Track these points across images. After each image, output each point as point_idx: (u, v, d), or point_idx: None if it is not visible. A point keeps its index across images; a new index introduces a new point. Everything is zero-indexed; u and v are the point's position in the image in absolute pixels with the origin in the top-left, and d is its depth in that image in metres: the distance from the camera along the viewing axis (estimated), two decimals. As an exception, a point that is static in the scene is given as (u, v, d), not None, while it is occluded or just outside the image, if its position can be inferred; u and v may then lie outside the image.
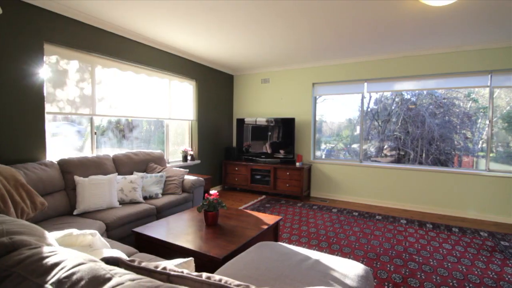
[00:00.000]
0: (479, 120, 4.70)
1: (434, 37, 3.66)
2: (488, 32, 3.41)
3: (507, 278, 2.37)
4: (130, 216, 2.65)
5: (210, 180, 4.24)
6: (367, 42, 3.87)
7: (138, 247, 2.29)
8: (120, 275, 0.68)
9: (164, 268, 0.79)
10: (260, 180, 5.17)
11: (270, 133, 5.28)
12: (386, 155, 5.66)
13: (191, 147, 4.90)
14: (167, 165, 4.26)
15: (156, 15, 3.07)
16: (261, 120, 5.35)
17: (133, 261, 0.83)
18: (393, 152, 5.64)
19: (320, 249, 2.89)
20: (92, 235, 1.30)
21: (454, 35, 3.56)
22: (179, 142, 4.75)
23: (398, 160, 5.29)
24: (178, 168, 3.62)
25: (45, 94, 2.83)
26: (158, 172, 3.48)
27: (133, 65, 3.76)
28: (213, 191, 2.48)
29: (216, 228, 2.38)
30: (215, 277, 0.75)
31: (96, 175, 2.85)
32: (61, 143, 3.20)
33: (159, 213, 2.99)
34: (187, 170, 3.68)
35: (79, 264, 0.70)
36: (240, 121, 5.52)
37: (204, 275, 0.76)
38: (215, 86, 5.39)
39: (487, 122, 4.13)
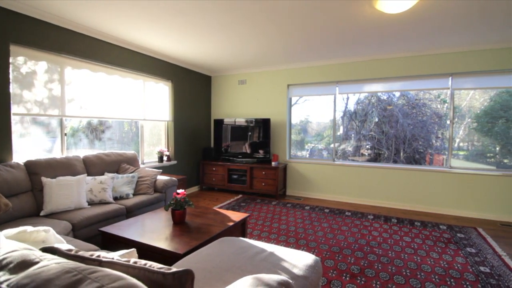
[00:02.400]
0: (448, 120, 4.97)
1: (397, 42, 3.86)
2: (445, 37, 3.64)
3: (456, 267, 2.56)
4: (98, 216, 2.67)
5: (185, 180, 4.29)
6: (336, 45, 4.03)
7: (104, 246, 2.33)
8: (49, 259, 0.74)
9: (98, 256, 0.86)
10: (237, 180, 5.25)
11: (250, 133, 5.37)
12: (363, 154, 5.88)
13: (167, 148, 4.93)
14: (142, 166, 4.27)
15: (126, 17, 3.10)
16: (241, 121, 5.44)
17: (70, 250, 0.90)
18: (370, 151, 5.87)
19: (288, 244, 3.01)
20: (45, 231, 1.35)
21: (415, 40, 3.77)
22: (155, 143, 4.77)
23: (375, 159, 5.50)
24: (151, 169, 3.65)
25: (11, 95, 2.81)
26: (130, 173, 3.50)
27: (105, 66, 3.76)
28: (180, 190, 2.54)
29: (183, 225, 2.45)
30: (141, 261, 0.83)
31: (65, 176, 2.85)
32: (30, 144, 3.17)
33: (130, 213, 3.02)
34: (160, 170, 3.71)
35: (12, 251, 0.77)
36: (218, 122, 5.59)
37: (132, 260, 0.84)
38: (192, 87, 5.44)
39: (448, 122, 4.39)
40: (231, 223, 2.50)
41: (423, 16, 2.97)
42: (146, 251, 2.09)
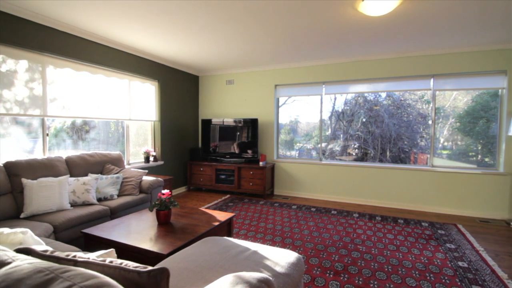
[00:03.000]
0: (429, 121, 5.11)
1: (381, 44, 3.95)
2: (426, 40, 3.74)
3: (436, 262, 2.64)
4: (80, 217, 2.63)
5: (172, 180, 4.26)
6: (322, 46, 4.09)
7: (86, 248, 2.29)
8: (22, 260, 0.74)
9: (74, 256, 0.86)
10: (224, 180, 5.25)
11: (238, 133, 5.38)
12: (350, 154, 5.97)
13: (154, 148, 4.88)
14: (127, 166, 4.22)
15: (110, 16, 3.06)
16: (229, 121, 5.44)
17: (46, 251, 0.89)
18: (357, 151, 5.97)
19: (274, 243, 3.04)
20: (23, 233, 1.32)
21: (398, 42, 3.87)
22: (141, 143, 4.72)
23: (362, 158, 5.59)
24: (136, 169, 3.61)
25: (-11, 95, 2.73)
26: (115, 174, 3.45)
27: (89, 65, 3.70)
28: (165, 191, 2.53)
29: (168, 226, 2.44)
30: (118, 261, 0.84)
31: (46, 177, 2.79)
32: (10, 145, 3.09)
33: (114, 214, 2.98)
34: (146, 171, 3.68)
35: (-17, 253, 0.76)
36: (206, 122, 5.57)
37: (108, 260, 0.84)
38: (179, 86, 5.40)
39: (430, 122, 4.51)
40: (216, 223, 2.50)
41: (404, 19, 3.05)
42: (130, 252, 2.08)
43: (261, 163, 5.06)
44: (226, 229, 2.74)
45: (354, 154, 5.95)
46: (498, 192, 4.03)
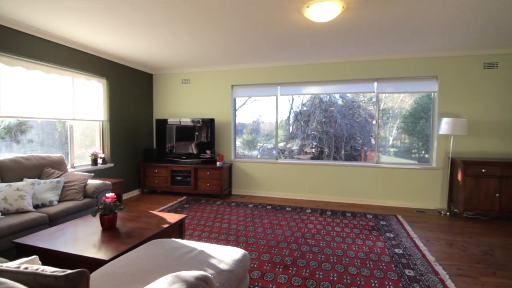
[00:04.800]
0: (380, 121, 5.52)
1: (330, 48, 4.17)
2: (369, 46, 4.04)
3: (376, 251, 2.87)
4: (12, 227, 2.39)
5: (122, 183, 4.06)
6: (275, 49, 4.20)
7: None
8: None
9: (-18, 266, 0.79)
10: (181, 181, 5.14)
11: (197, 133, 5.29)
12: (307, 153, 6.21)
13: (103, 150, 4.60)
14: (71, 170, 3.93)
15: (50, 9, 2.82)
16: (186, 121, 5.32)
17: None
18: (313, 150, 6.23)
19: (227, 242, 3.05)
20: None
21: (344, 48, 4.12)
22: (87, 145, 4.42)
23: (318, 156, 5.84)
24: (80, 173, 3.38)
25: None
26: (56, 178, 3.19)
27: (24, 60, 3.37)
28: (110, 194, 2.41)
29: (113, 231, 2.33)
30: (34, 267, 0.79)
31: (-31, 184, 2.49)
32: None
33: (53, 221, 2.76)
34: (92, 174, 3.46)
35: None
36: (161, 122, 5.40)
37: (23, 266, 0.79)
38: (131, 85, 5.16)
39: (374, 122, 4.89)
40: (166, 225, 2.45)
41: (347, 27, 3.26)
42: (70, 261, 1.95)
43: (218, 163, 5.05)
44: (177, 231, 2.70)
45: (311, 152, 6.21)
46: (432, 185, 4.50)
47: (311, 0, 2.58)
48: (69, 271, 0.78)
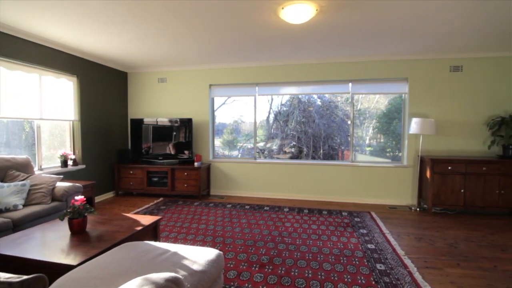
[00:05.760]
0: (357, 121, 5.69)
1: (306, 50, 4.25)
2: (343, 48, 4.15)
3: (349, 247, 2.96)
4: (-30, 234, 2.24)
5: (94, 185, 3.91)
6: (253, 49, 4.20)
7: (-24, 268, 1.96)
8: None
9: None
10: (157, 183, 5.03)
11: (175, 134, 5.19)
12: (286, 152, 6.27)
13: (73, 151, 4.41)
14: (39, 172, 3.74)
15: (13, 1, 2.66)
16: (163, 121, 5.21)
17: None
18: (292, 149, 6.30)
19: (204, 243, 3.03)
20: None
21: (320, 49, 4.20)
22: (56, 146, 4.21)
23: (297, 156, 5.90)
24: (48, 175, 3.22)
25: None
26: (21, 180, 3.02)
27: (-16, 56, 3.16)
28: (79, 197, 2.32)
29: (83, 235, 2.24)
30: (-16, 275, 0.74)
31: None
32: None
33: (18, 227, 2.61)
34: (61, 176, 3.31)
35: None
36: (137, 122, 5.26)
37: (-29, 275, 0.74)
38: (104, 83, 4.98)
39: (349, 122, 5.03)
40: (139, 228, 2.39)
41: (322, 29, 3.33)
42: (35, 268, 1.85)
43: (196, 164, 4.99)
44: (152, 233, 2.64)
45: (290, 152, 6.29)
46: (403, 182, 4.70)
47: (285, 2, 2.62)
48: (24, 277, 0.74)
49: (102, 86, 4.93)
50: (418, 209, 4.38)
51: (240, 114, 5.76)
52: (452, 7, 2.75)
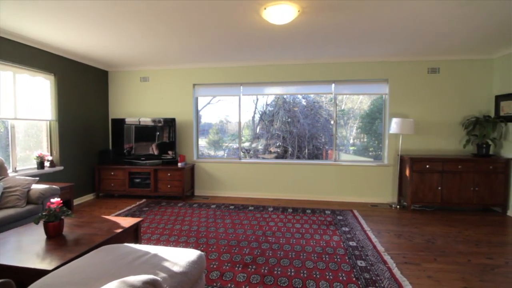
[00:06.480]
0: (341, 121, 5.78)
1: (290, 51, 4.28)
2: (326, 49, 4.21)
3: (332, 245, 3.01)
4: None
5: (72, 187, 3.78)
6: (236, 49, 4.19)
7: None
8: None
9: None
10: (140, 184, 4.92)
11: (158, 134, 5.10)
12: (271, 152, 6.29)
13: (51, 152, 4.25)
14: (13, 174, 3.58)
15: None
16: (146, 120, 5.11)
17: None
18: (278, 149, 6.33)
19: (187, 244, 2.99)
20: None
21: (303, 50, 4.25)
22: (32, 146, 4.05)
23: (282, 156, 5.93)
24: (23, 177, 3.09)
25: None
26: (-7, 183, 2.89)
27: (-48, 52, 3.00)
28: (55, 199, 2.24)
29: (59, 239, 2.16)
30: None
31: None
32: None
33: (-11, 231, 2.49)
34: (37, 178, 3.18)
35: None
36: (118, 122, 5.13)
37: None
38: (83, 82, 4.83)
39: (332, 122, 5.11)
40: (119, 230, 2.33)
41: (304, 29, 3.36)
42: (8, 273, 1.77)
43: (179, 164, 4.92)
44: (132, 235, 2.58)
45: (275, 152, 6.32)
46: (384, 181, 4.82)
47: (268, 2, 2.63)
48: (-13, 285, 0.71)
49: (81, 85, 4.78)
50: (398, 206, 4.51)
51: (226, 114, 5.74)
52: (432, 12, 2.85)
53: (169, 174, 4.83)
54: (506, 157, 4.13)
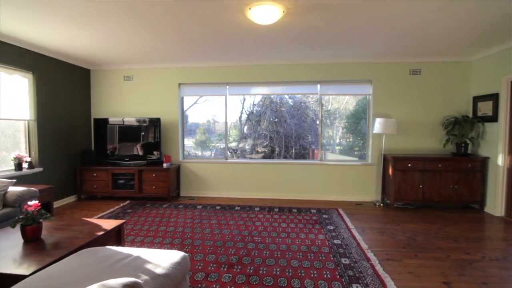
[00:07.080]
0: (327, 121, 5.85)
1: (275, 51, 4.29)
2: (311, 50, 4.25)
3: (317, 243, 3.04)
4: None
5: (52, 190, 3.66)
6: (222, 49, 4.17)
7: None
8: None
9: None
10: (123, 185, 4.82)
11: (143, 134, 5.00)
12: (258, 152, 6.30)
13: (29, 153, 4.10)
14: (-12, 176, 3.43)
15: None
16: (130, 120, 5.01)
17: None
18: (265, 149, 6.34)
19: (172, 246, 2.96)
20: None
21: (289, 50, 4.27)
22: (9, 147, 3.89)
23: (269, 155, 5.94)
24: (-1, 179, 2.97)
25: None
26: (-34, 186, 2.76)
27: None
28: (33, 202, 2.16)
29: (37, 243, 2.09)
30: None
31: None
32: None
33: (-38, 236, 2.38)
34: (14, 180, 3.06)
35: None
36: (101, 121, 5.00)
37: None
38: (64, 80, 4.68)
39: (317, 122, 5.17)
40: (101, 233, 2.28)
41: (289, 30, 3.38)
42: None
43: (165, 165, 4.85)
44: (115, 238, 2.53)
45: (262, 152, 6.33)
46: (368, 179, 4.91)
47: (253, 2, 2.63)
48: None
49: (62, 84, 4.64)
50: (382, 204, 4.61)
51: (213, 114, 5.70)
52: (412, 15, 2.92)
53: (154, 175, 4.76)
54: (483, 156, 4.30)
